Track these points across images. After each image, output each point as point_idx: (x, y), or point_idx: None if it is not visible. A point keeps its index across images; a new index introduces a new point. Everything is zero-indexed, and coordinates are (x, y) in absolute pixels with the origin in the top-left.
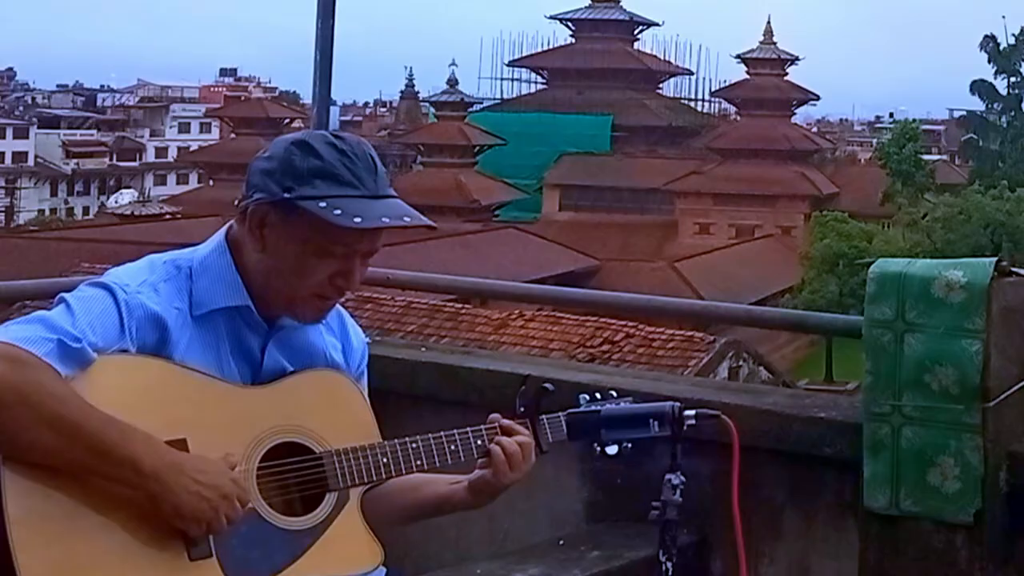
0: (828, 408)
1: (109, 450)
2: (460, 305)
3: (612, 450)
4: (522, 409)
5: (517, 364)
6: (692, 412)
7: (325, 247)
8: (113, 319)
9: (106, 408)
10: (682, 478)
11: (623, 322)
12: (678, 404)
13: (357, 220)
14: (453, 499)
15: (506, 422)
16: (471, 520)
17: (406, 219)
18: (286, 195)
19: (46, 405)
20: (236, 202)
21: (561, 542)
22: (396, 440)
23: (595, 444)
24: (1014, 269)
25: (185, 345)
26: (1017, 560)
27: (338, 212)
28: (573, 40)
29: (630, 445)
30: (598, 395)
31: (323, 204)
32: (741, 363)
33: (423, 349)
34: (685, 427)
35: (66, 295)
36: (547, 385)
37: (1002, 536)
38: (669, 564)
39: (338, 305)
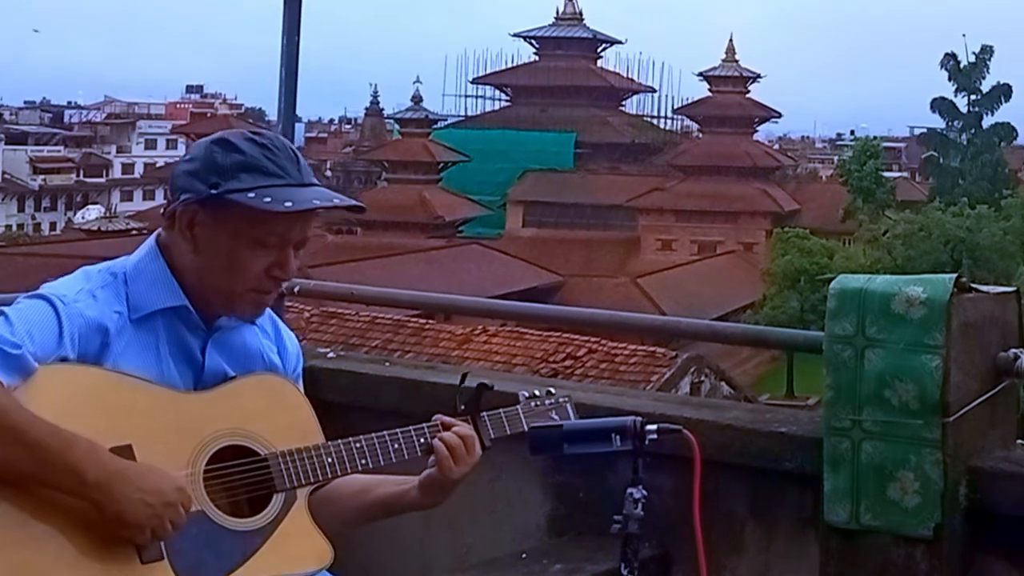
0: (789, 423)
1: (52, 460)
2: (424, 320)
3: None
4: (463, 407)
5: (481, 379)
6: (654, 427)
7: (258, 238)
8: (52, 328)
9: (50, 417)
10: (644, 492)
11: (586, 337)
12: (640, 419)
13: (288, 204)
14: (403, 499)
15: (448, 419)
16: (435, 534)
17: (336, 200)
18: (213, 191)
19: None
20: (162, 209)
21: (524, 556)
22: (340, 440)
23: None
24: (974, 285)
25: (124, 348)
26: (976, 572)
27: (268, 200)
28: (537, 58)
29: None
30: (536, 392)
31: (252, 195)
32: (703, 378)
33: (387, 364)
34: (647, 441)
35: (4, 308)
36: (485, 382)
37: (961, 550)
38: None
39: (269, 310)
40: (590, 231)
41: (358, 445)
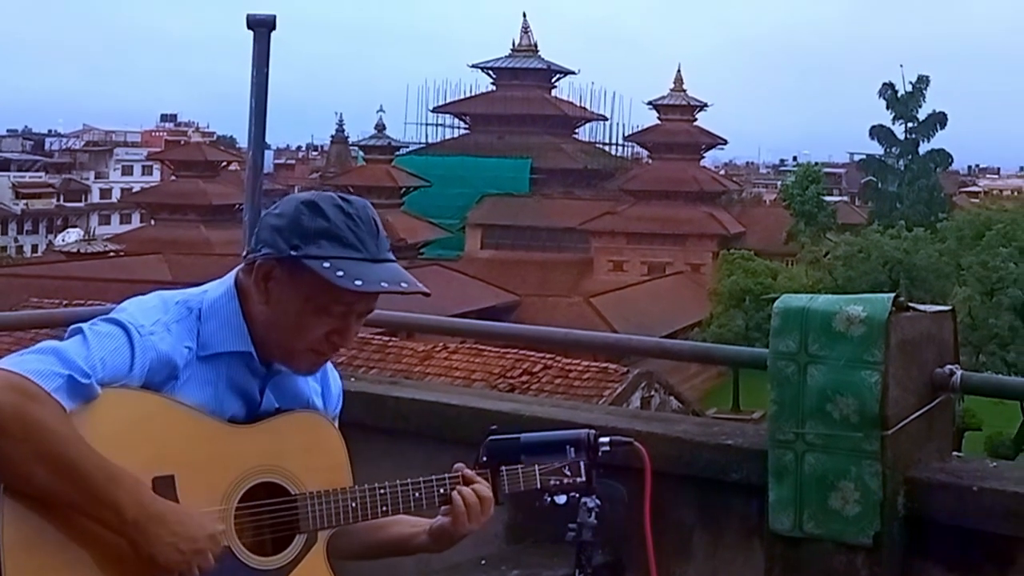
0: (735, 435)
1: (98, 494)
2: (387, 338)
3: (561, 500)
4: (484, 459)
5: (441, 394)
6: (606, 439)
7: (325, 306)
8: (124, 357)
9: (103, 440)
10: (597, 501)
11: (541, 354)
12: (593, 431)
13: (358, 283)
14: (413, 542)
15: (469, 472)
16: None
17: (403, 284)
18: (292, 253)
19: (47, 442)
20: (244, 252)
21: (484, 561)
22: (366, 486)
23: (545, 495)
24: (911, 305)
25: (187, 380)
26: None
27: (340, 274)
28: (494, 87)
29: (578, 495)
30: (494, 427)
31: (327, 265)
32: (653, 393)
33: (352, 379)
34: (600, 453)
35: (83, 327)
36: (494, 428)
37: (900, 557)
38: None
39: None
40: (545, 253)
41: (382, 492)
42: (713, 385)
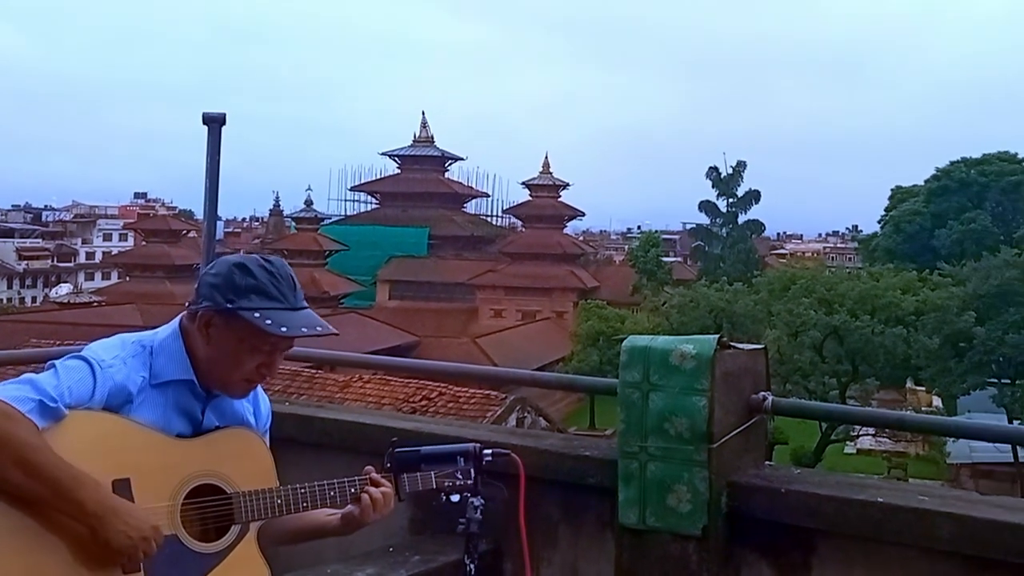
0: (592, 448)
1: (63, 492)
2: (314, 370)
3: (455, 498)
4: (388, 465)
5: (358, 415)
6: (489, 451)
7: (256, 346)
8: (88, 386)
9: (71, 451)
10: (482, 501)
11: (437, 383)
12: (479, 445)
13: (283, 329)
14: (328, 527)
15: (376, 476)
16: None
17: (318, 329)
18: (229, 306)
19: (21, 451)
20: (187, 303)
21: (391, 549)
22: (289, 486)
23: (442, 494)
24: (732, 344)
25: (141, 404)
26: (735, 563)
27: (269, 322)
28: (399, 171)
29: (469, 495)
30: (395, 439)
31: (257, 315)
32: (526, 414)
33: (287, 403)
34: (484, 462)
35: (56, 362)
36: (395, 440)
37: (724, 546)
38: (472, 566)
39: None
40: (440, 303)
41: (303, 491)
42: (574, 408)
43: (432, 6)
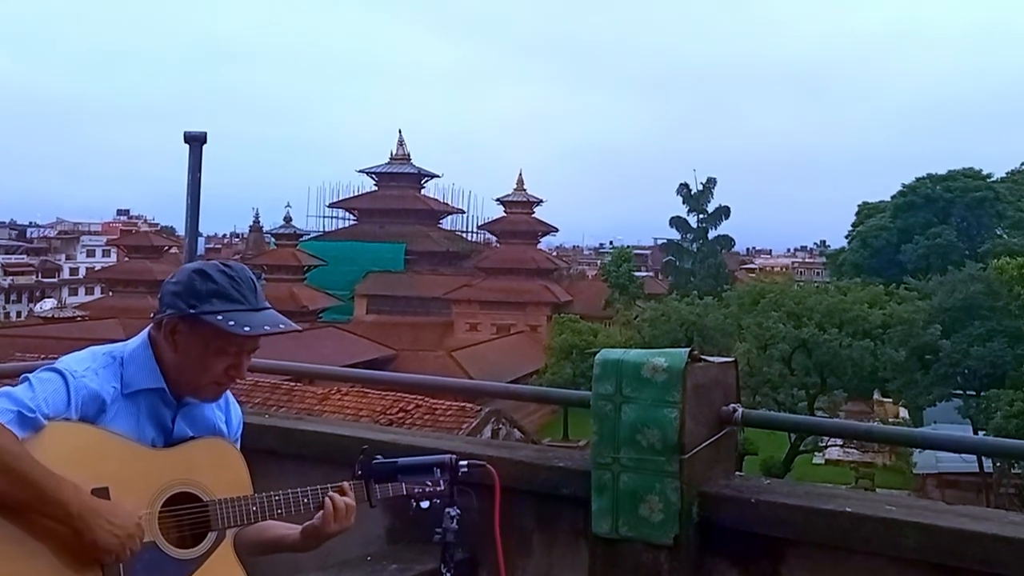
0: (565, 459)
1: (47, 496)
2: (294, 383)
3: (425, 505)
4: (359, 472)
5: (337, 427)
6: (465, 462)
7: (222, 348)
8: (63, 396)
9: (52, 461)
10: (458, 510)
11: (414, 396)
12: (455, 456)
13: (246, 329)
14: (286, 540)
15: (343, 485)
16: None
17: (281, 326)
18: (192, 311)
19: (2, 459)
20: (152, 313)
21: (369, 558)
22: (263, 493)
23: (412, 500)
24: (703, 357)
25: (115, 414)
26: (706, 572)
27: (232, 323)
28: (376, 188)
29: (439, 501)
30: (365, 447)
31: (219, 317)
32: (501, 426)
33: (266, 416)
34: (460, 473)
35: (29, 375)
36: (365, 448)
37: (695, 555)
38: (449, 575)
39: None
40: (416, 317)
41: (276, 498)
42: (548, 420)
43: (409, 27)
